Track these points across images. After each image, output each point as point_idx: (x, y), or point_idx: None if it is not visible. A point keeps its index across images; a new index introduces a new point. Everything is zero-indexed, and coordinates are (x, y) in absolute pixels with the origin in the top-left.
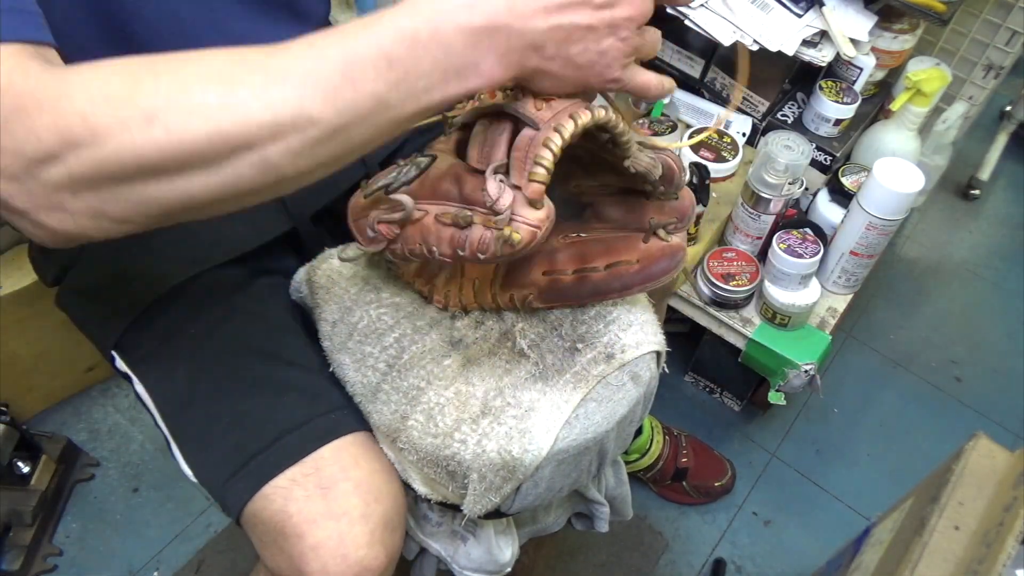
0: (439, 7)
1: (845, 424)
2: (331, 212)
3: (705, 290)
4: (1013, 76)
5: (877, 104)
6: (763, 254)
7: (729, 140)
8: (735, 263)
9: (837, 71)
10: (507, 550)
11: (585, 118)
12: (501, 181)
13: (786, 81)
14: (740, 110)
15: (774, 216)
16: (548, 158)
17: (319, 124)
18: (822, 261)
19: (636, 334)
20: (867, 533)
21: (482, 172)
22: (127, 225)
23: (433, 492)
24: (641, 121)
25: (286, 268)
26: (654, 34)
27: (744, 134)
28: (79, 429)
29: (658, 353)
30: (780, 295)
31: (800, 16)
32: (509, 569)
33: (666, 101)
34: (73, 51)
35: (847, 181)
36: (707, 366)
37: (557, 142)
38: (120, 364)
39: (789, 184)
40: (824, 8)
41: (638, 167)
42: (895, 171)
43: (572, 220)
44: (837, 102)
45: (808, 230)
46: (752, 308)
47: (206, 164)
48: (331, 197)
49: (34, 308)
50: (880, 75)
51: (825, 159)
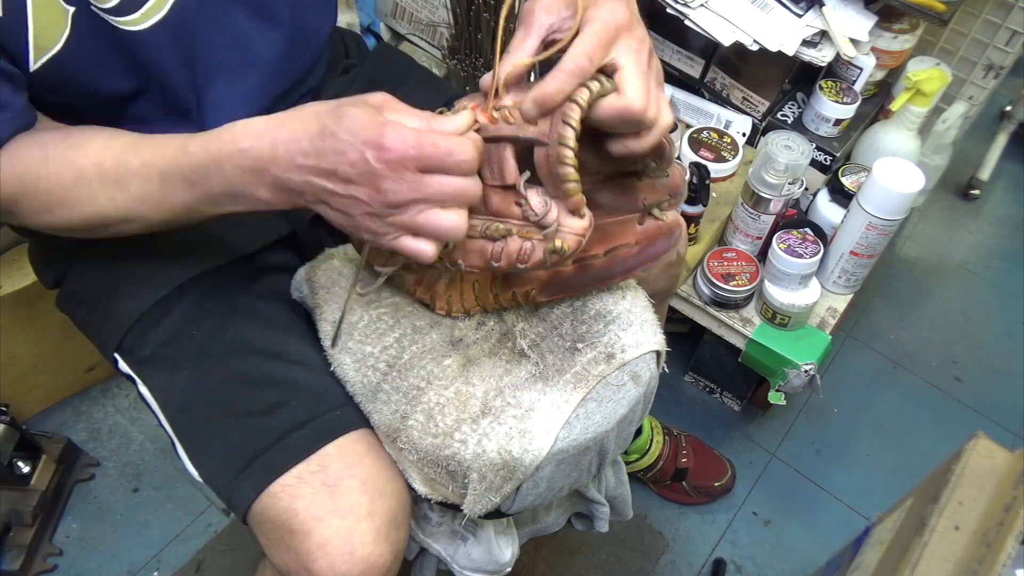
0: (223, 147)
1: (845, 424)
2: None
3: (705, 290)
4: (1013, 76)
5: (877, 104)
6: (763, 254)
7: (729, 140)
8: (735, 263)
9: (837, 71)
10: (507, 550)
11: (576, 114)
12: (543, 194)
13: (786, 81)
14: (740, 110)
15: (774, 216)
16: (571, 173)
17: (146, 220)
18: (822, 261)
19: (636, 334)
20: (867, 533)
21: (503, 188)
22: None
23: (433, 492)
24: None
25: (288, 266)
26: (435, 218)
27: (744, 134)
28: (79, 429)
29: (658, 353)
30: (780, 295)
31: (800, 16)
32: (509, 569)
33: None
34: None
35: (847, 181)
36: (707, 366)
37: (569, 154)
38: (123, 366)
39: (789, 184)
40: (824, 8)
41: None
42: (895, 171)
43: None
44: (837, 102)
45: (808, 230)
46: (752, 308)
47: (79, 231)
48: None
49: (34, 308)
50: (880, 75)
51: (825, 159)
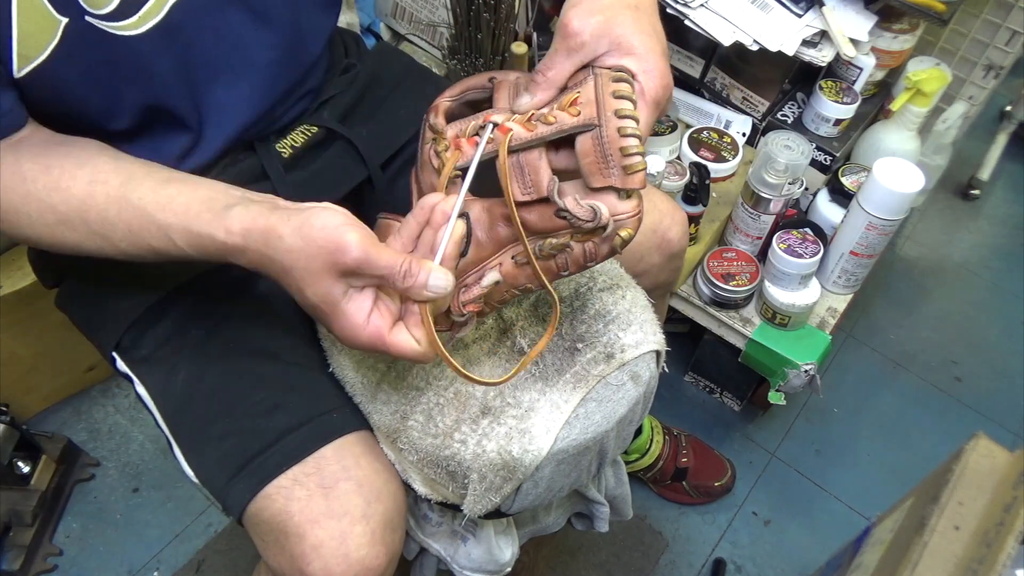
0: (213, 248)
1: (845, 424)
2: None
3: (705, 290)
4: (1013, 76)
5: (877, 104)
6: (763, 254)
7: (729, 140)
8: (735, 263)
9: (837, 71)
10: (507, 550)
11: (627, 90)
12: (578, 196)
13: (786, 81)
14: (740, 110)
15: (774, 216)
16: (637, 144)
17: (134, 258)
18: (822, 261)
19: (636, 334)
20: (867, 533)
21: (531, 203)
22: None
23: (433, 492)
24: None
25: None
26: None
27: (744, 134)
28: (79, 429)
29: (658, 352)
30: (780, 295)
31: (800, 16)
32: (509, 569)
33: None
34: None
35: (847, 181)
36: (707, 366)
37: (633, 124)
38: (121, 365)
39: (789, 184)
40: (824, 8)
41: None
42: (895, 171)
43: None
44: (837, 102)
45: (808, 230)
46: (752, 308)
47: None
48: (332, 200)
49: (34, 308)
50: (880, 75)
51: (825, 159)
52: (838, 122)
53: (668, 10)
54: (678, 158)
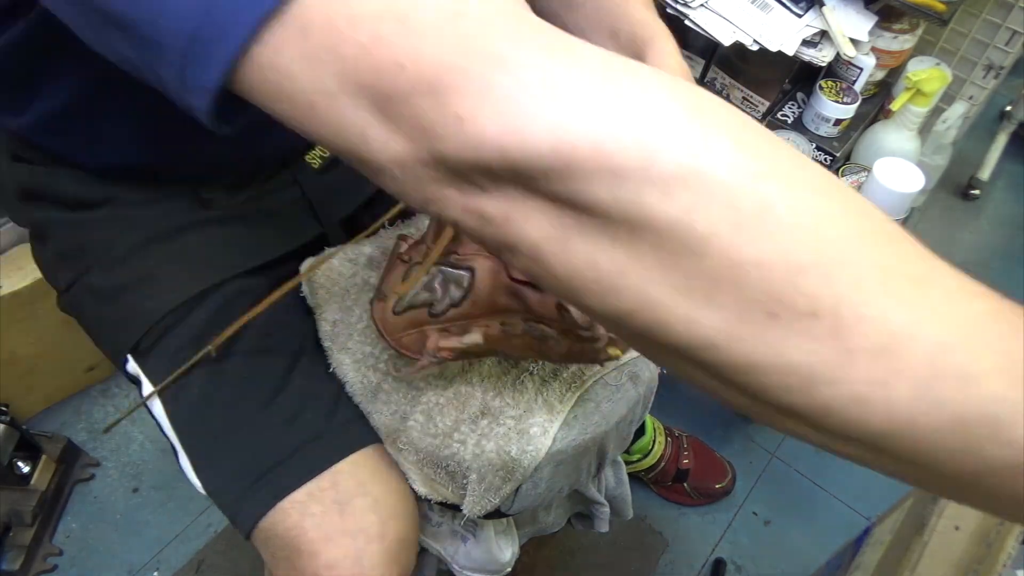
0: None
1: None
2: (360, 216)
3: None
4: (1013, 76)
5: (877, 104)
6: None
7: None
8: None
9: (837, 71)
10: (507, 550)
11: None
12: None
13: (786, 81)
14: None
15: None
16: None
17: None
18: None
19: None
20: (867, 533)
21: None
22: None
23: (433, 492)
24: None
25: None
26: None
27: None
28: (79, 429)
29: None
30: None
31: (800, 16)
32: (509, 569)
33: None
34: None
35: (847, 181)
36: None
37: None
38: (132, 367)
39: None
40: (824, 8)
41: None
42: (895, 171)
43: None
44: (837, 102)
45: None
46: None
47: None
48: (360, 200)
49: (34, 308)
50: (880, 75)
51: (825, 159)
52: (838, 122)
53: (668, 10)
54: None
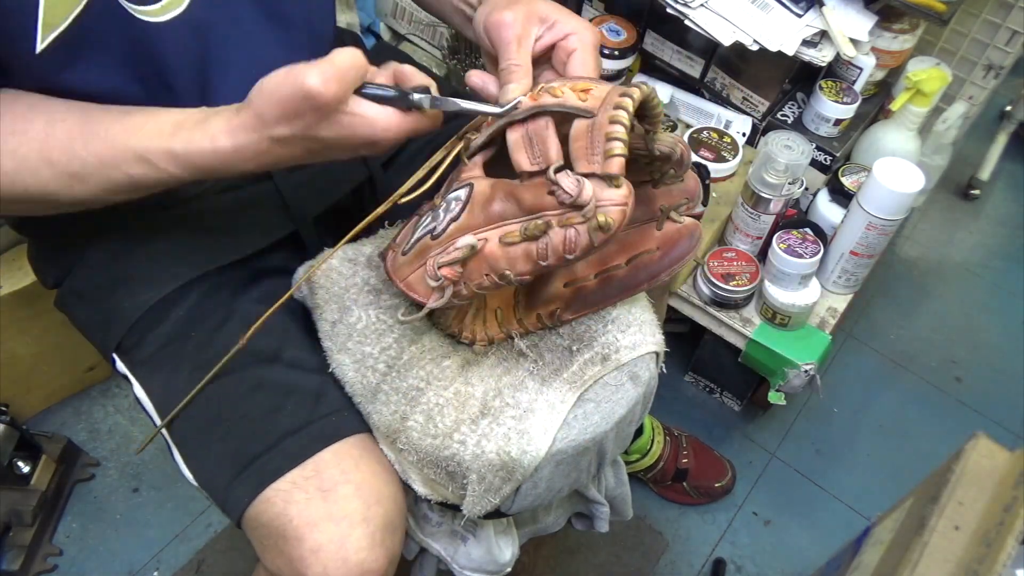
0: (218, 152)
1: (845, 424)
2: (332, 214)
3: (705, 290)
4: (1013, 76)
5: (877, 104)
6: (763, 254)
7: (729, 140)
8: (735, 263)
9: (837, 71)
10: (507, 550)
11: (637, 94)
12: (572, 175)
13: (786, 81)
14: (740, 110)
15: (774, 216)
16: (622, 132)
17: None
18: (822, 261)
19: (634, 335)
20: (867, 533)
21: (533, 176)
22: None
23: (433, 492)
24: None
25: (287, 268)
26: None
27: (744, 134)
28: (79, 429)
29: (657, 353)
30: (780, 295)
31: (800, 16)
32: (509, 569)
33: (666, 101)
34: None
35: (847, 181)
36: (707, 366)
37: (625, 116)
38: (120, 366)
39: (789, 184)
40: (824, 8)
41: (663, 148)
42: (895, 171)
43: None
44: (837, 102)
45: (808, 230)
46: (752, 308)
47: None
48: (333, 199)
49: (34, 308)
50: (880, 75)
51: (825, 159)
52: (838, 122)
53: (668, 10)
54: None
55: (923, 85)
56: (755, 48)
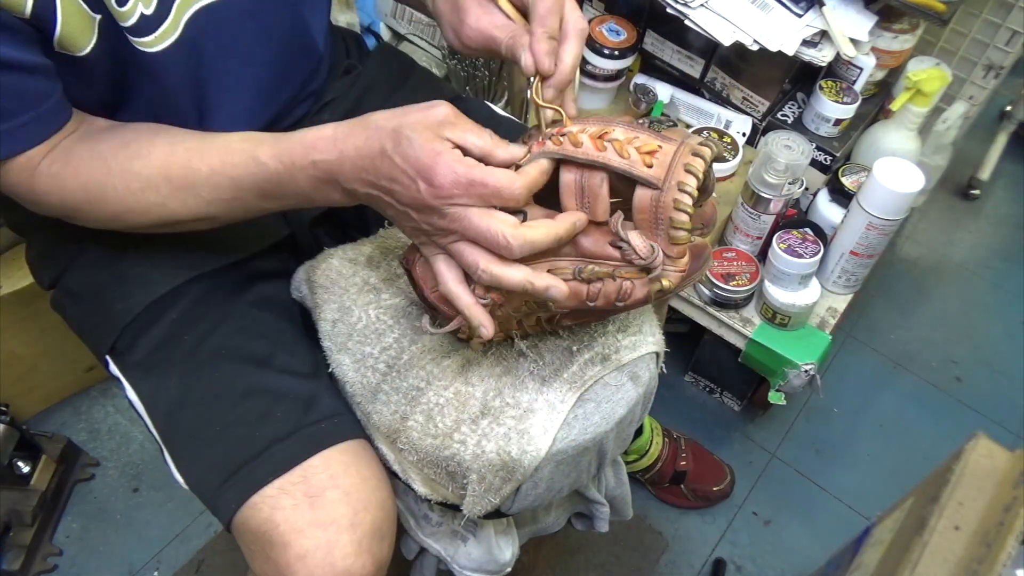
0: (296, 159)
1: (845, 424)
2: (328, 217)
3: (705, 290)
4: (1013, 76)
5: (877, 104)
6: (763, 254)
7: (729, 140)
8: (735, 263)
9: (837, 71)
10: (507, 550)
11: (699, 166)
12: (644, 238)
13: (786, 81)
14: (740, 110)
15: (774, 216)
16: (686, 221)
17: (218, 220)
18: (822, 261)
19: (634, 335)
20: (867, 533)
21: (590, 227)
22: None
23: (433, 492)
24: (641, 120)
25: (283, 271)
26: (463, 251)
27: (744, 134)
28: (79, 429)
29: (657, 354)
30: (780, 295)
31: (800, 16)
32: (509, 569)
33: (666, 101)
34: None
35: (847, 181)
36: (707, 366)
37: (688, 201)
38: (113, 369)
39: (789, 184)
40: (824, 8)
41: (702, 216)
42: (895, 171)
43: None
44: (837, 102)
45: (808, 230)
46: (752, 308)
47: (147, 230)
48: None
49: (34, 308)
50: (880, 75)
51: (825, 159)
52: (838, 122)
53: (668, 10)
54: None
55: (923, 85)
56: (755, 48)
